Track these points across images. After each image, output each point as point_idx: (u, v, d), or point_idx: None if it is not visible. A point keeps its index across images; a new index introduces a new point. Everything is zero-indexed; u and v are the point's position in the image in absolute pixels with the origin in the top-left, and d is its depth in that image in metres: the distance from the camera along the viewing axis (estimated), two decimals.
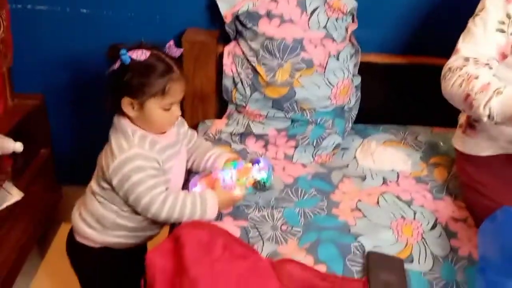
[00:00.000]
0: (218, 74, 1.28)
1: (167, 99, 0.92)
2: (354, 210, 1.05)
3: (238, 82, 1.23)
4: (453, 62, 1.01)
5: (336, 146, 1.23)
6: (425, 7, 1.35)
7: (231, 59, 1.25)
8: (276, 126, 1.22)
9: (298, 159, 1.21)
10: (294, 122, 1.21)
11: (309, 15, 1.19)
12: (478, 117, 0.93)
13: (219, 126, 1.26)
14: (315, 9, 1.19)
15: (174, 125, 0.99)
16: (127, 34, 1.30)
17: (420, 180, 1.16)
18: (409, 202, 1.08)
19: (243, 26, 1.22)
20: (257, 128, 1.22)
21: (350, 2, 1.22)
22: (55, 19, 1.32)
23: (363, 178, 1.16)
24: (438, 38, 1.32)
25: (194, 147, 1.08)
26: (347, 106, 1.27)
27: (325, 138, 1.22)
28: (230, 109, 1.27)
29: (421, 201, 1.09)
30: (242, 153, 1.20)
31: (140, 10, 1.33)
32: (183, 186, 1.03)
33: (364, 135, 1.30)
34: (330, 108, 1.22)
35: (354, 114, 1.32)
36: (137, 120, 0.93)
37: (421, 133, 1.32)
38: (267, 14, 1.19)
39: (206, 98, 1.32)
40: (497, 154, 1.04)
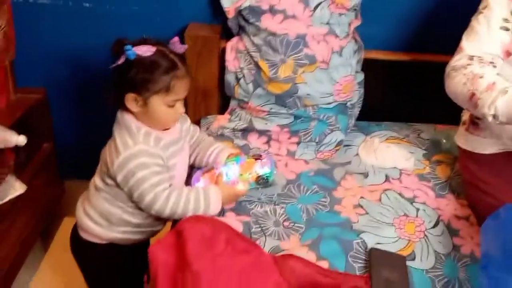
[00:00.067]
0: (221, 69, 1.28)
1: (171, 96, 0.92)
2: (357, 206, 1.05)
3: (241, 78, 1.23)
4: (457, 61, 1.00)
5: (338, 143, 1.23)
6: (428, 4, 1.34)
7: (234, 55, 1.25)
8: (278, 122, 1.21)
9: (300, 155, 1.21)
10: (297, 118, 1.21)
11: (312, 11, 1.18)
12: (483, 116, 0.93)
13: (222, 121, 1.26)
14: (318, 4, 1.18)
15: (177, 121, 0.98)
16: (130, 28, 1.30)
17: (422, 177, 1.15)
18: (411, 200, 1.08)
19: (246, 21, 1.22)
20: (259, 124, 1.22)
21: None
22: (58, 13, 1.32)
23: (366, 175, 1.16)
24: (441, 35, 1.32)
25: (197, 142, 1.08)
26: (350, 103, 1.27)
27: (327, 135, 1.22)
28: (232, 104, 1.27)
29: (423, 198, 1.09)
30: (245, 149, 1.20)
31: (142, 4, 1.32)
32: (186, 181, 1.03)
33: (367, 132, 1.30)
34: (333, 104, 1.21)
35: (357, 110, 1.32)
36: (140, 116, 0.93)
37: (424, 130, 1.32)
38: (270, 10, 1.18)
39: (208, 93, 1.32)
40: (500, 151, 1.04)
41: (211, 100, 1.33)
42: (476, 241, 0.97)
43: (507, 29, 0.98)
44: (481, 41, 0.99)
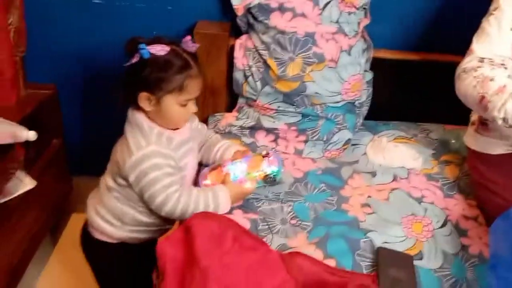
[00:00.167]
0: (229, 67, 1.28)
1: (184, 96, 0.92)
2: (364, 205, 1.05)
3: (249, 76, 1.23)
4: (467, 63, 0.99)
5: (346, 142, 1.23)
6: (436, 4, 1.33)
7: (242, 52, 1.25)
8: (286, 121, 1.21)
9: (308, 154, 1.21)
10: (305, 116, 1.21)
11: (321, 9, 1.18)
12: (492, 119, 0.92)
13: (230, 119, 1.26)
14: (328, 3, 1.18)
15: (188, 121, 0.99)
16: (139, 25, 1.31)
17: (431, 177, 1.15)
18: (419, 199, 1.08)
19: (255, 19, 1.22)
20: (267, 122, 1.22)
21: None
22: (69, 9, 1.33)
23: (373, 174, 1.15)
24: (450, 35, 1.31)
25: (204, 140, 1.08)
26: (358, 102, 1.27)
27: (335, 133, 1.22)
28: (240, 102, 1.27)
29: (431, 198, 1.08)
30: (252, 146, 1.20)
31: (151, 2, 1.33)
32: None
33: (374, 131, 1.29)
34: (341, 103, 1.21)
35: (365, 110, 1.31)
36: (153, 115, 0.93)
37: (433, 130, 1.31)
38: (279, 8, 1.18)
39: (216, 91, 1.32)
40: (509, 152, 1.03)
41: (219, 97, 1.33)
42: (484, 241, 0.97)
43: None
44: (491, 43, 0.99)
